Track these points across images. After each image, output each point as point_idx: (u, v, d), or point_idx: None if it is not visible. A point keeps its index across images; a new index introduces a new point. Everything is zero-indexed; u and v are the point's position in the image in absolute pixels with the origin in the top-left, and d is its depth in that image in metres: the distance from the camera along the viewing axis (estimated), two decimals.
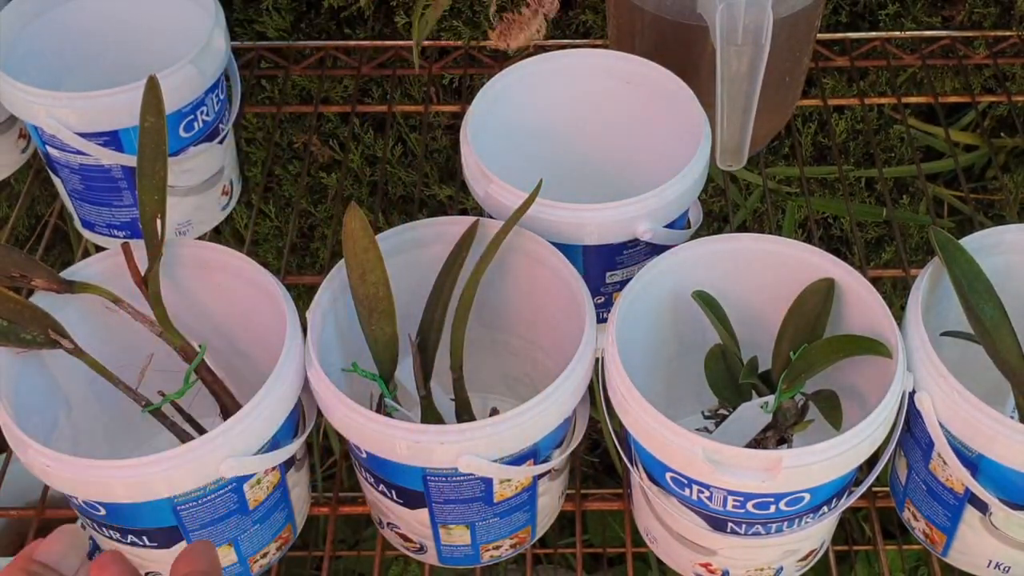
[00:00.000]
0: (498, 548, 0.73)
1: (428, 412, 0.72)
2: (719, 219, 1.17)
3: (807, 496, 0.64)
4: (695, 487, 0.64)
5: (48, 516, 0.77)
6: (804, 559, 0.72)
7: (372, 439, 0.64)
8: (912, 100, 1.07)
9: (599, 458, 1.31)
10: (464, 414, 0.72)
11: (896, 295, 1.19)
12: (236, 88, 0.90)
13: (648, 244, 0.75)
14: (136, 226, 0.86)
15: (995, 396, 0.67)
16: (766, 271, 0.71)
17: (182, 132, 0.83)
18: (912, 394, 0.65)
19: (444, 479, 0.66)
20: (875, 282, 0.70)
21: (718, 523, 0.66)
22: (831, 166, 1.14)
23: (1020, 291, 0.71)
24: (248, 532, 0.69)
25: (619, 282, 0.77)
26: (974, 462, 0.65)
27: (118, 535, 0.67)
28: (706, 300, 0.70)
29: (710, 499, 0.64)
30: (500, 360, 0.79)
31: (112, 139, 0.80)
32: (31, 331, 0.66)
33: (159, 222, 0.68)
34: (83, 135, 0.80)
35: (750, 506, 0.64)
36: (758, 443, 0.69)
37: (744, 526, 0.66)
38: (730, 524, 0.66)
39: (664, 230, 0.74)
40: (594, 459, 1.31)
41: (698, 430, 0.67)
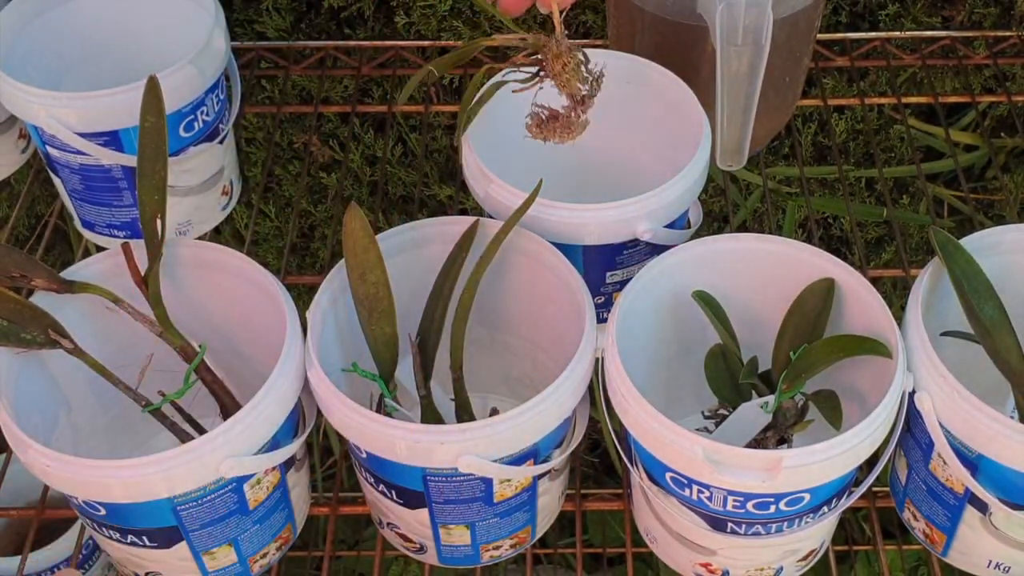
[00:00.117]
0: (498, 548, 0.73)
1: (428, 412, 0.72)
2: (719, 219, 1.17)
3: (807, 496, 0.64)
4: (695, 487, 0.64)
5: (48, 516, 0.77)
6: (804, 559, 0.72)
7: (372, 439, 0.64)
8: (912, 100, 1.07)
9: (599, 458, 1.31)
10: (464, 414, 0.72)
11: (896, 295, 1.19)
12: (236, 88, 0.90)
13: (648, 244, 0.75)
14: (136, 226, 0.86)
15: (995, 396, 0.67)
16: (766, 271, 0.71)
17: (182, 132, 0.83)
18: (912, 394, 0.65)
19: (444, 479, 0.66)
20: (875, 282, 0.70)
21: (718, 523, 0.66)
22: (831, 166, 1.14)
23: (1020, 291, 0.71)
24: (248, 532, 0.69)
25: (619, 282, 0.77)
26: (974, 462, 0.64)
27: (118, 535, 0.67)
28: (706, 300, 0.70)
29: (710, 499, 0.64)
30: (500, 360, 0.79)
31: (112, 139, 0.80)
32: (31, 331, 0.66)
33: (159, 222, 0.68)
34: (83, 135, 0.80)
35: (750, 506, 0.64)
36: (758, 443, 0.69)
37: (744, 526, 0.65)
38: (730, 524, 0.66)
39: (664, 230, 0.74)
40: (594, 459, 1.31)
41: (698, 430, 0.67)
